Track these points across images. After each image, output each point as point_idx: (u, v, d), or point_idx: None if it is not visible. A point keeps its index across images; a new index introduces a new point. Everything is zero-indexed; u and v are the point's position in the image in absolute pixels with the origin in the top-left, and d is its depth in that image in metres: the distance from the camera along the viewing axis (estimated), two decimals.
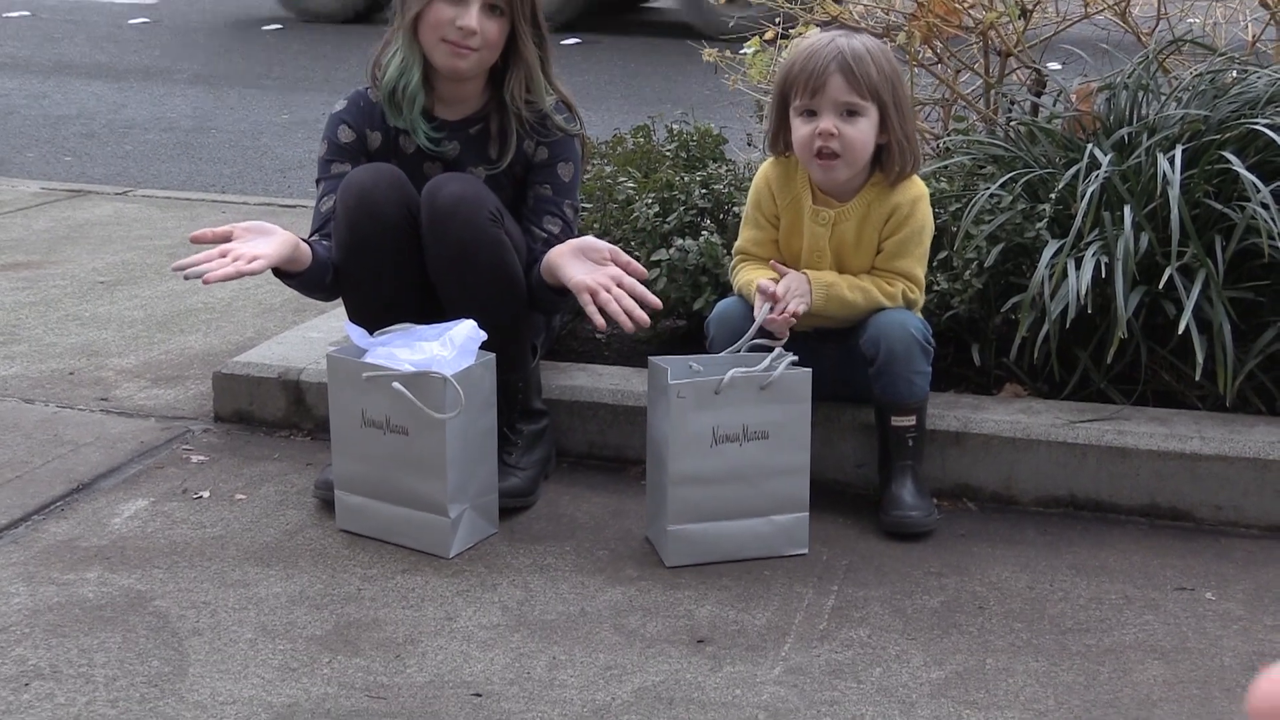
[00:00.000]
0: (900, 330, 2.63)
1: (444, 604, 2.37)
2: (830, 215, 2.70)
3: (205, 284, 2.44)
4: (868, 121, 2.61)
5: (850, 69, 2.57)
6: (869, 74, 2.58)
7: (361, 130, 2.83)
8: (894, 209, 2.68)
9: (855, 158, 2.63)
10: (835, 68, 2.58)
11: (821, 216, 2.70)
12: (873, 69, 2.59)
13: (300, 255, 2.64)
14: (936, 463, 2.77)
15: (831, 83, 2.58)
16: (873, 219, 2.69)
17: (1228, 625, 2.32)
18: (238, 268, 2.44)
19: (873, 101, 2.60)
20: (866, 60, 2.59)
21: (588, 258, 2.59)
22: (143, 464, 2.93)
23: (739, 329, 2.65)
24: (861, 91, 2.59)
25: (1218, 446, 2.66)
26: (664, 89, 8.39)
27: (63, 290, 4.16)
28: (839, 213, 2.69)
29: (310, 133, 7.19)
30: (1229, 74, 3.16)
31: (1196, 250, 2.72)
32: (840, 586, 2.44)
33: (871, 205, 2.69)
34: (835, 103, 2.59)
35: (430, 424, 2.48)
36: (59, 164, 6.53)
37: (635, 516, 2.69)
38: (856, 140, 2.61)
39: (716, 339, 2.69)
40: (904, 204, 2.68)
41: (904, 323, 2.64)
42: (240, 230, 2.54)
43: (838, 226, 2.70)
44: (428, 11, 2.70)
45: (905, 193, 2.69)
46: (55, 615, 2.31)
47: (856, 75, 2.58)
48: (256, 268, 2.47)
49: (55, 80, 8.84)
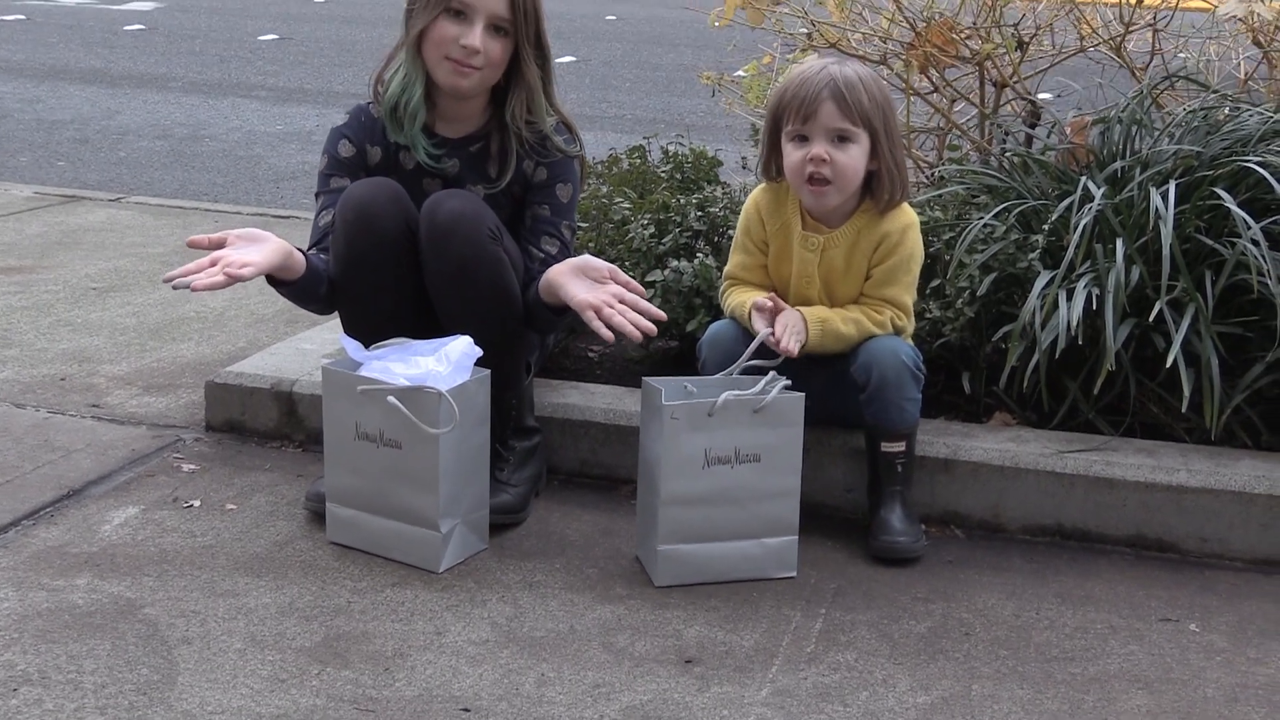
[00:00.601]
0: (892, 357, 2.65)
1: (433, 618, 2.38)
2: (820, 241, 2.72)
3: (193, 292, 2.44)
4: (859, 148, 2.64)
5: (842, 95, 2.60)
6: (860, 101, 2.61)
7: (362, 145, 2.84)
8: (884, 236, 2.70)
9: (846, 184, 2.65)
10: (828, 94, 2.60)
11: (811, 242, 2.72)
12: (864, 96, 2.62)
13: (293, 263, 2.64)
14: (925, 489, 2.79)
15: (824, 109, 2.61)
16: (862, 246, 2.71)
17: (1211, 657, 2.34)
18: (227, 275, 2.44)
19: (864, 128, 2.63)
20: (858, 87, 2.62)
21: (587, 276, 2.61)
22: (134, 471, 2.94)
23: (731, 351, 2.67)
24: (853, 118, 2.61)
25: (1204, 479, 2.68)
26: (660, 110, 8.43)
27: (55, 296, 4.16)
28: (828, 239, 2.72)
29: (304, 144, 7.21)
30: (1222, 111, 3.19)
31: (1186, 285, 2.75)
32: (828, 610, 2.46)
33: (861, 232, 2.71)
34: (827, 129, 2.62)
35: (424, 439, 2.49)
36: (52, 169, 6.54)
37: (625, 535, 2.70)
38: (847, 166, 2.63)
39: (709, 361, 2.71)
40: (894, 232, 2.70)
41: (896, 350, 2.66)
42: (234, 237, 2.55)
43: (827, 253, 2.72)
44: (432, 29, 2.72)
45: (895, 220, 2.71)
46: (44, 621, 2.31)
47: (848, 102, 2.60)
48: (246, 274, 2.47)
49: (50, 85, 8.84)
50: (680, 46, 11.61)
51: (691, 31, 11.95)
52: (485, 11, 2.70)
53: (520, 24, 2.73)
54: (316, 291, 2.75)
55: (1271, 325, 2.74)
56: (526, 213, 2.86)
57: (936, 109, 3.66)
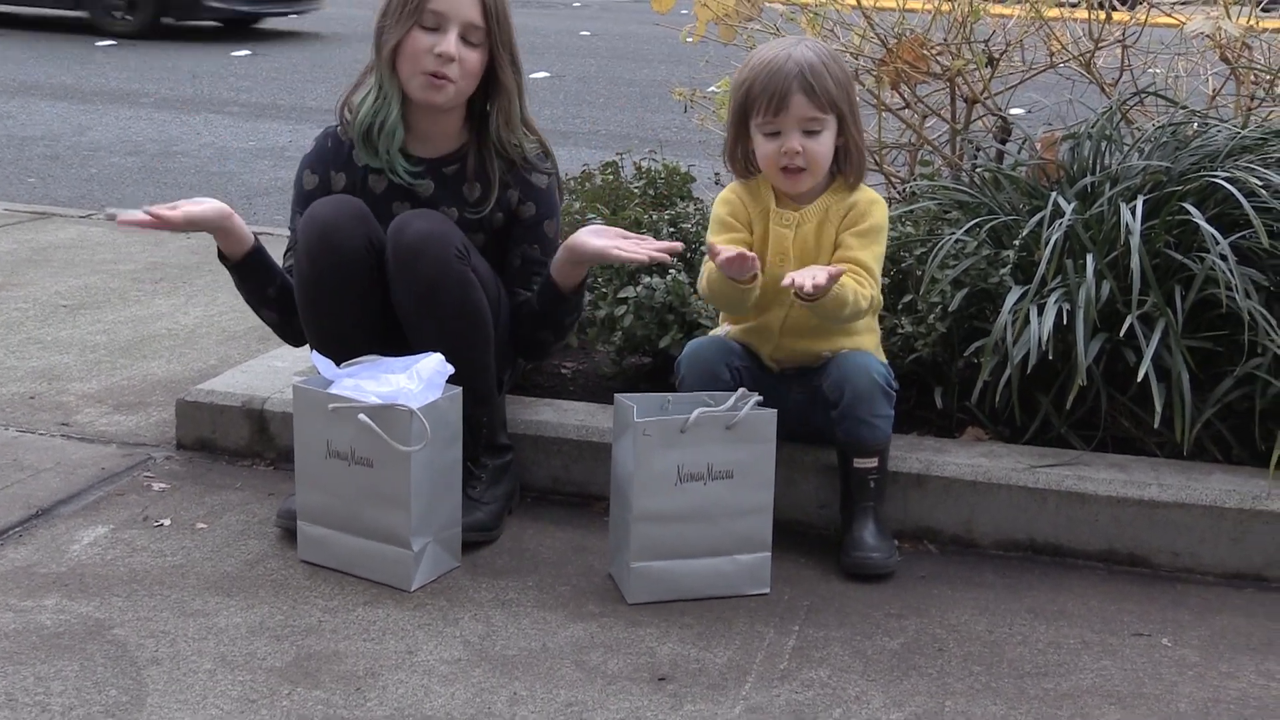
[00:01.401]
0: (863, 374, 2.65)
1: (405, 637, 2.37)
2: (794, 218, 2.73)
3: (119, 225, 2.58)
4: (829, 134, 2.67)
5: (811, 87, 2.62)
6: (828, 88, 2.63)
7: (325, 174, 2.85)
8: (851, 206, 2.72)
9: (819, 169, 2.68)
10: (797, 87, 2.61)
11: (785, 219, 2.73)
12: (830, 82, 2.64)
13: (235, 229, 2.73)
14: (898, 504, 2.79)
15: (794, 101, 2.62)
16: (831, 218, 2.72)
17: (1183, 671, 2.34)
18: (153, 215, 2.57)
19: (832, 113, 2.65)
20: (824, 74, 2.63)
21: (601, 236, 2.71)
22: (103, 490, 2.91)
23: (711, 369, 2.66)
24: (822, 106, 2.63)
25: (1175, 494, 2.69)
26: (634, 125, 8.44)
27: (24, 313, 4.13)
28: (801, 214, 2.73)
29: (276, 160, 7.19)
30: (1190, 126, 3.21)
31: (1157, 300, 2.76)
32: (801, 627, 2.45)
33: (830, 207, 2.72)
34: (799, 120, 2.64)
35: (395, 457, 2.48)
36: (22, 185, 6.50)
37: (598, 552, 2.69)
38: (819, 154, 2.66)
39: (687, 378, 2.70)
40: (861, 201, 2.73)
41: (867, 366, 2.66)
42: (183, 202, 2.68)
43: (800, 228, 2.72)
44: (405, 43, 2.72)
45: (862, 193, 2.74)
46: (11, 643, 2.29)
47: (817, 92, 2.62)
48: (173, 216, 2.60)
49: (20, 100, 8.80)
50: (654, 62, 11.63)
51: (665, 47, 11.97)
52: (458, 20, 2.70)
53: (494, 31, 2.74)
54: (265, 288, 2.80)
55: (1240, 339, 2.76)
56: (514, 250, 2.87)
57: (908, 125, 3.68)
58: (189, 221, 2.63)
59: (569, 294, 2.80)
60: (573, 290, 2.80)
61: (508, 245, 2.89)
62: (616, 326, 3.13)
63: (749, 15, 3.67)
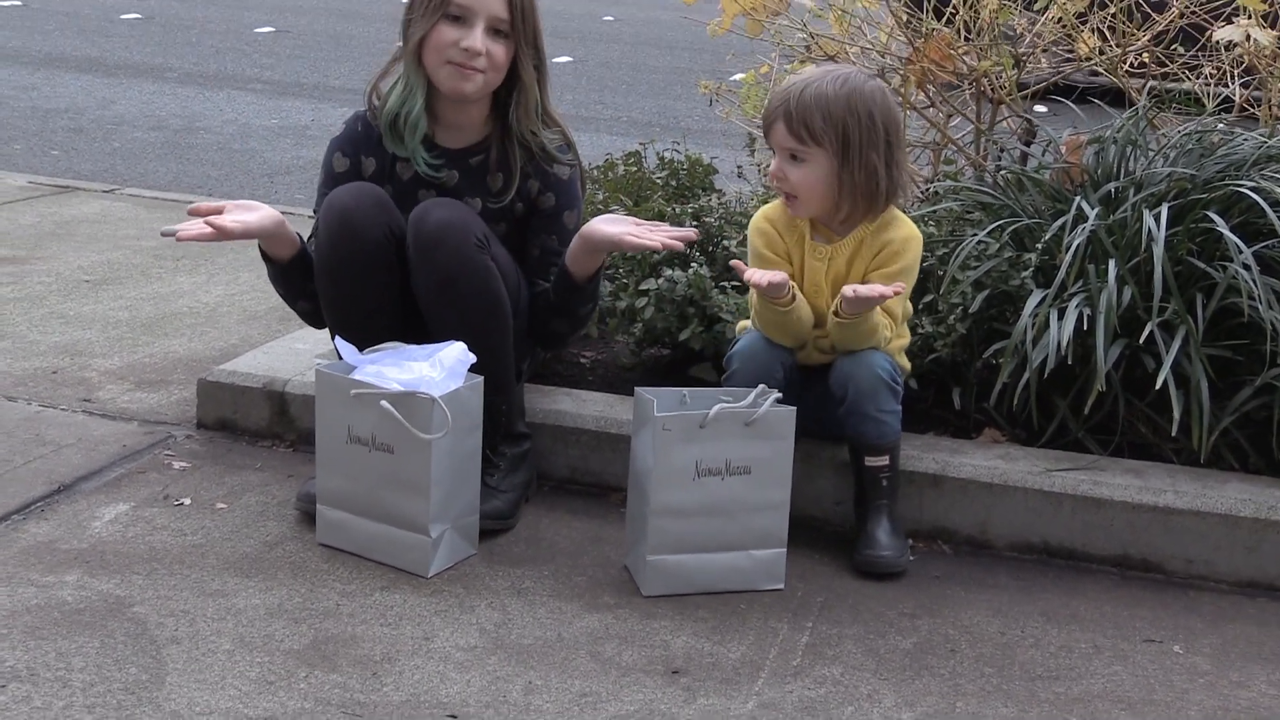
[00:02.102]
0: (867, 370, 2.66)
1: (422, 623, 2.39)
2: (827, 251, 2.74)
3: (178, 240, 2.54)
4: (814, 165, 2.66)
5: (791, 116, 2.64)
6: (810, 121, 2.63)
7: (356, 157, 2.86)
8: (885, 244, 2.72)
9: (809, 197, 2.69)
10: (779, 115, 2.65)
11: (819, 252, 2.74)
12: (819, 116, 2.62)
13: (285, 235, 2.73)
14: (913, 504, 2.80)
15: (775, 129, 2.67)
16: (864, 253, 2.73)
17: (1194, 679, 2.35)
18: (213, 227, 2.55)
19: (818, 145, 2.64)
20: (812, 107, 2.62)
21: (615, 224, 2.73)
22: (124, 468, 2.94)
23: (767, 367, 2.66)
24: (800, 137, 2.64)
25: (1191, 501, 2.70)
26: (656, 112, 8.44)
27: (47, 287, 4.16)
28: (835, 248, 2.74)
29: (299, 139, 7.21)
30: (1216, 134, 3.21)
31: (1178, 307, 2.77)
32: (815, 623, 2.47)
33: (864, 240, 2.73)
34: (779, 147, 2.68)
35: (416, 444, 2.49)
36: (46, 158, 6.53)
37: (614, 544, 2.71)
38: (800, 183, 2.67)
39: (740, 372, 2.69)
40: (895, 240, 2.72)
41: (871, 362, 2.67)
42: (231, 205, 2.66)
43: (833, 261, 2.74)
44: (432, 35, 2.73)
45: (898, 230, 2.73)
46: (33, 617, 2.32)
47: (795, 122, 2.64)
48: (232, 227, 2.59)
49: (45, 72, 8.82)
50: (678, 49, 11.62)
51: (689, 34, 11.95)
52: (484, 14, 2.71)
53: (518, 25, 2.74)
54: (304, 285, 2.79)
55: (1261, 349, 2.76)
56: (533, 241, 2.89)
57: (932, 124, 3.68)
58: (246, 232, 2.63)
59: (583, 283, 2.80)
60: (587, 279, 2.80)
61: (527, 235, 2.91)
62: (637, 318, 3.14)
63: (776, 10, 3.68)
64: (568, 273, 2.79)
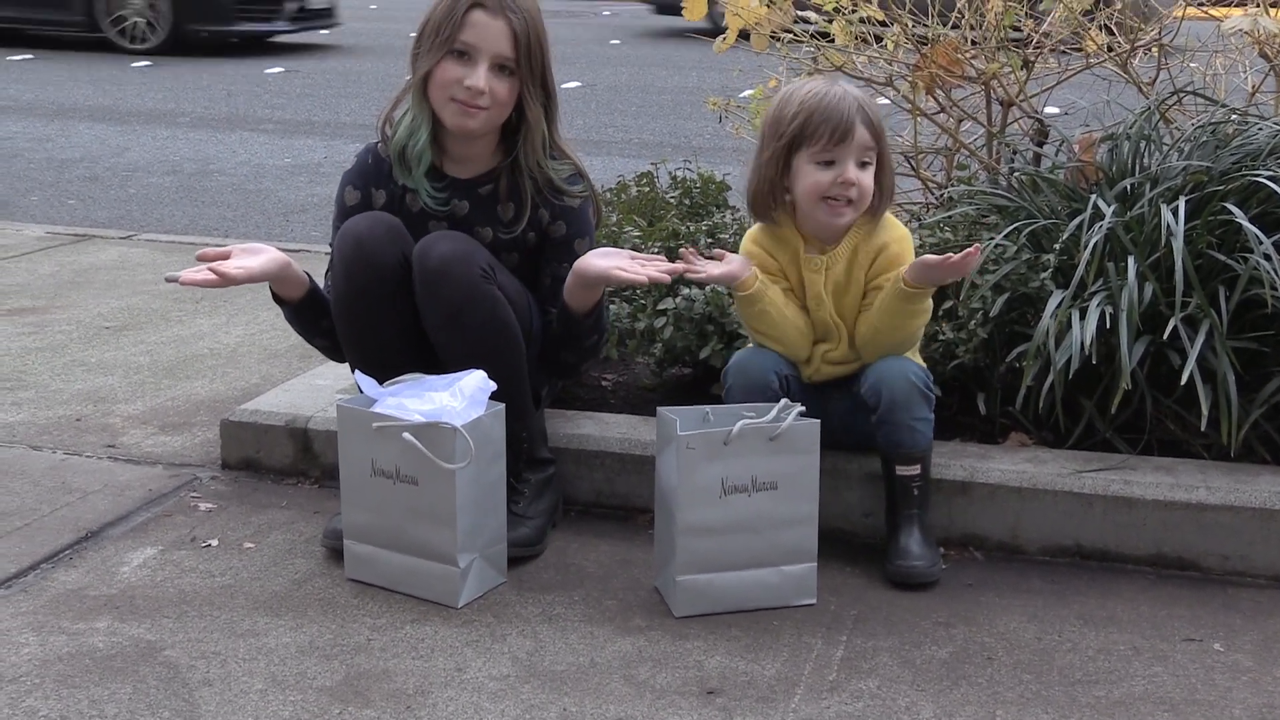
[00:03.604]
0: (901, 378, 2.65)
1: (454, 654, 2.38)
2: (822, 261, 2.73)
3: (181, 285, 2.55)
4: (874, 168, 2.68)
5: (870, 120, 2.66)
6: (878, 122, 2.68)
7: (367, 190, 2.86)
8: (882, 247, 2.71)
9: (865, 202, 2.69)
10: (860, 119, 2.64)
11: (814, 264, 2.73)
12: (876, 116, 2.68)
13: (292, 276, 2.74)
14: (943, 512, 2.78)
15: (858, 132, 2.64)
16: (860, 258, 2.72)
17: (1237, 677, 2.32)
18: (217, 274, 2.56)
19: (879, 147, 2.68)
20: (872, 108, 2.68)
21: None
22: (151, 512, 2.94)
23: (759, 378, 2.66)
24: (878, 138, 2.67)
25: (1224, 496, 2.67)
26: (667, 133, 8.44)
27: (68, 335, 4.17)
28: (830, 256, 2.73)
29: (312, 177, 7.24)
30: (1230, 125, 3.19)
31: (1200, 301, 2.74)
32: (849, 637, 2.45)
33: (858, 246, 2.72)
34: (859, 150, 2.65)
35: (440, 474, 2.49)
36: (63, 208, 6.56)
37: (643, 565, 2.70)
38: (868, 187, 2.68)
39: (734, 388, 2.70)
40: (891, 242, 2.72)
41: (904, 370, 2.66)
42: (237, 250, 2.67)
43: (830, 270, 2.73)
44: (437, 71, 2.73)
45: (890, 231, 2.74)
46: (65, 665, 2.32)
47: (874, 125, 2.66)
48: (235, 273, 2.60)
49: (59, 123, 8.89)
50: (685, 69, 11.64)
51: (696, 54, 11.98)
52: (489, 52, 2.71)
53: (523, 63, 2.74)
54: (319, 322, 2.80)
55: None
56: (545, 269, 2.88)
57: (944, 129, 3.67)
58: (249, 277, 2.64)
59: (581, 317, 2.78)
60: (585, 314, 2.78)
61: (540, 263, 2.90)
62: (656, 338, 3.13)
63: (781, 24, 3.67)
64: (566, 306, 2.77)
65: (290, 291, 2.77)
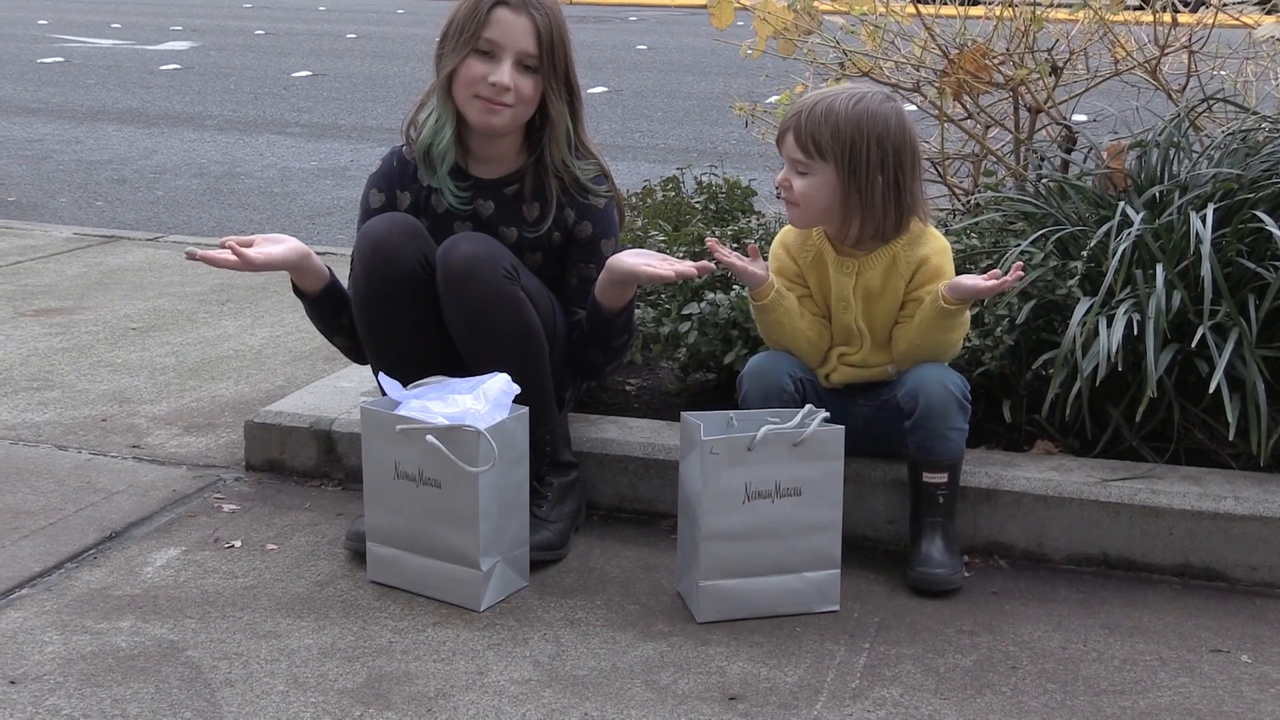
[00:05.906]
0: (939, 386, 2.63)
1: (475, 658, 2.37)
2: (854, 265, 2.72)
3: (198, 259, 2.59)
4: (817, 179, 2.65)
5: (801, 130, 2.64)
6: (819, 136, 2.62)
7: (391, 192, 2.87)
8: (923, 260, 2.70)
9: (807, 209, 2.68)
10: (790, 126, 2.67)
11: (845, 266, 2.73)
12: (826, 133, 2.62)
13: (312, 267, 2.76)
14: (968, 520, 2.76)
15: (785, 139, 2.68)
16: (900, 269, 2.71)
17: (1265, 689, 2.30)
18: (237, 256, 2.60)
19: (825, 160, 2.63)
20: (822, 122, 2.62)
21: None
22: (175, 512, 2.95)
23: (775, 383, 2.66)
24: (809, 150, 2.64)
25: (1252, 506, 2.64)
26: (693, 138, 8.44)
27: (95, 336, 4.19)
28: (862, 262, 2.72)
29: (338, 180, 7.26)
30: (1261, 132, 3.16)
31: (1229, 309, 2.72)
32: (872, 644, 2.43)
33: (897, 256, 2.70)
34: (788, 158, 2.69)
35: (463, 477, 2.48)
36: (91, 209, 6.60)
37: (666, 570, 2.69)
38: (802, 194, 2.67)
39: (750, 394, 2.70)
40: (933, 255, 2.70)
41: (943, 379, 2.64)
42: (259, 239, 2.70)
43: (862, 275, 2.72)
44: (461, 69, 2.73)
45: (930, 244, 2.72)
46: (88, 664, 2.32)
47: (803, 135, 2.64)
48: (255, 257, 2.63)
49: (88, 126, 8.94)
50: (711, 75, 11.64)
51: (723, 60, 11.98)
52: (513, 49, 2.72)
53: (547, 60, 2.74)
54: (339, 317, 2.81)
55: None
56: (571, 269, 2.88)
57: (971, 135, 3.65)
58: (268, 263, 2.66)
59: (612, 316, 2.78)
60: (616, 312, 2.78)
61: (565, 264, 2.90)
62: (680, 343, 3.13)
63: (808, 29, 3.66)
64: (598, 304, 2.78)
65: (310, 283, 2.78)
